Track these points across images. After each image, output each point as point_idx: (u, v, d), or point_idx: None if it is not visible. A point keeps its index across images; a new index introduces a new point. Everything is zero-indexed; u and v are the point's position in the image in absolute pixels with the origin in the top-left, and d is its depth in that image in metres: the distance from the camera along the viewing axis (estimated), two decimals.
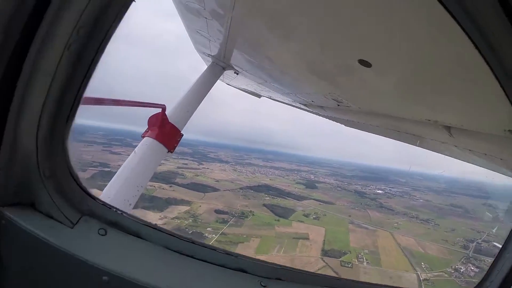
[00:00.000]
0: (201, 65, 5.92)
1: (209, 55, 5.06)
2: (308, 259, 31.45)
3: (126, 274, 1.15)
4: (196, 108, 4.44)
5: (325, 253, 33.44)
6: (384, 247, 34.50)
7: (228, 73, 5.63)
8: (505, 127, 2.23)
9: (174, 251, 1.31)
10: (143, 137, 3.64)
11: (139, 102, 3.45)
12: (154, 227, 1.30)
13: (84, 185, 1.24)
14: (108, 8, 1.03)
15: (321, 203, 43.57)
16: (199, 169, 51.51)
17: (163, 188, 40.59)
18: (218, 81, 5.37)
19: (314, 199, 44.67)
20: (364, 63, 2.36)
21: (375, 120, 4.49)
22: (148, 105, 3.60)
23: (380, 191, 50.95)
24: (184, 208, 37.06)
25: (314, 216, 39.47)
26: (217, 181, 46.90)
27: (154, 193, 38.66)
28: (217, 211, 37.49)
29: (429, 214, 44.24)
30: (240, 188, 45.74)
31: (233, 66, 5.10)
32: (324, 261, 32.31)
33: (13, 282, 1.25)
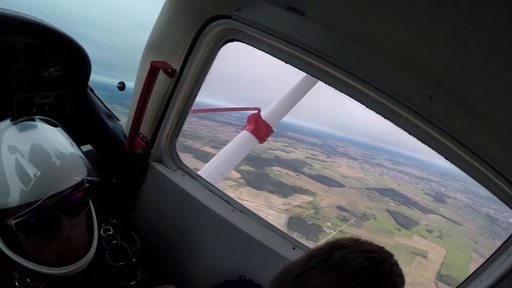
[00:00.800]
0: None
1: None
2: (421, 279, 28.26)
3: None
4: (290, 109, 5.62)
5: (440, 277, 29.07)
6: None
7: None
8: None
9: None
10: (242, 129, 5.19)
11: (238, 107, 5.08)
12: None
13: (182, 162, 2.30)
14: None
15: (447, 221, 39.06)
16: (326, 162, 51.40)
17: (290, 175, 41.66)
18: None
19: (440, 215, 40.32)
20: None
21: None
22: (246, 109, 5.16)
23: None
24: (307, 198, 37.52)
25: (437, 234, 35.71)
26: (344, 177, 46.31)
27: (281, 178, 40.11)
28: (339, 208, 37.19)
29: None
30: (366, 188, 44.29)
31: None
32: (437, 286, 28.19)
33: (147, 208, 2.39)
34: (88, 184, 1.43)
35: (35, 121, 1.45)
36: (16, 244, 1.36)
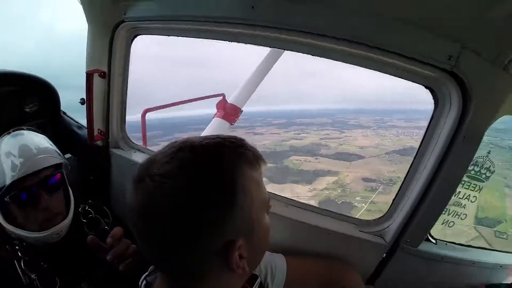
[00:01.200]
0: None
1: None
2: (461, 228, 27.71)
3: None
4: (255, 88, 5.87)
5: (478, 221, 28.52)
6: None
7: None
8: None
9: None
10: (213, 117, 5.67)
11: (202, 97, 5.58)
12: None
13: (133, 142, 2.68)
14: None
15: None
16: (341, 138, 50.69)
17: (309, 161, 41.61)
18: None
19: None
20: None
21: None
22: (210, 97, 5.67)
23: None
24: (332, 178, 37.40)
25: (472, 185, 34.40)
26: (361, 148, 45.77)
27: (301, 166, 40.12)
28: (365, 179, 36.98)
29: None
30: (386, 153, 43.79)
31: None
32: (477, 230, 27.66)
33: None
34: (58, 166, 1.91)
35: (23, 130, 1.98)
36: (11, 217, 1.80)
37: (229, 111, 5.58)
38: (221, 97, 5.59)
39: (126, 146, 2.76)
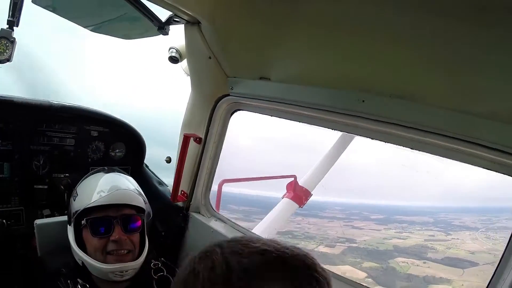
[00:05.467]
0: None
1: None
2: None
3: None
4: (326, 172, 6.01)
5: None
6: None
7: None
8: None
9: None
10: (282, 198, 5.69)
11: (274, 176, 5.73)
12: None
13: (216, 210, 2.94)
14: None
15: None
16: (448, 240, 45.49)
17: (417, 265, 38.33)
18: None
19: None
20: None
21: None
22: (282, 177, 5.78)
23: None
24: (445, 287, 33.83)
25: None
26: (472, 253, 39.70)
27: (409, 270, 36.92)
28: None
29: None
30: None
31: None
32: None
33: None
34: (141, 210, 2.06)
35: (116, 168, 2.25)
36: (81, 241, 1.92)
37: (299, 194, 5.62)
38: (293, 179, 5.62)
39: (207, 213, 2.86)
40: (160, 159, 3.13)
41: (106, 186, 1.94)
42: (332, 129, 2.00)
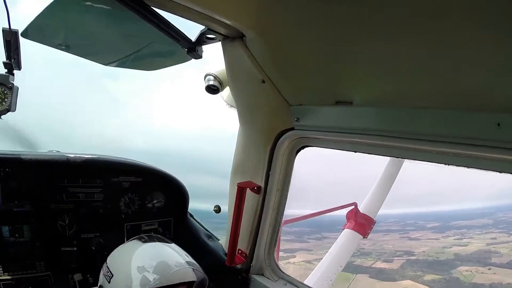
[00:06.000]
0: None
1: None
2: None
3: None
4: (386, 195, 5.35)
5: None
6: None
7: None
8: None
9: None
10: (343, 229, 4.99)
11: (334, 208, 5.08)
12: None
13: (282, 269, 2.43)
14: None
15: None
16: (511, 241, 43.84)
17: (481, 272, 36.50)
18: None
19: None
20: None
21: None
22: (343, 207, 5.10)
23: None
24: None
25: None
26: None
27: (474, 279, 35.53)
28: None
29: None
30: None
31: None
32: None
33: None
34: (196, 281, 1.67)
35: (153, 236, 1.85)
36: None
37: (361, 222, 5.01)
38: (353, 207, 4.95)
39: (273, 275, 2.33)
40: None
41: (150, 264, 1.63)
42: (455, 165, 1.46)
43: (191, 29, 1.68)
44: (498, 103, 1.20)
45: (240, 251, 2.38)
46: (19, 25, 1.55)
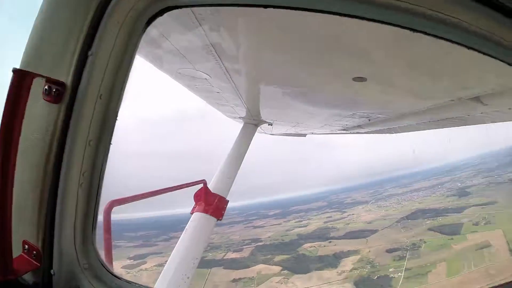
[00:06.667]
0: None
1: (238, 117, 5.58)
2: (502, 264, 28.21)
3: None
4: (237, 171, 4.89)
5: None
6: None
7: (263, 126, 6.07)
8: None
9: None
10: (191, 213, 4.13)
11: (178, 186, 4.10)
12: None
13: (113, 271, 1.65)
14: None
15: (482, 206, 39.34)
16: (345, 217, 50.61)
17: (324, 246, 40.65)
18: None
19: (474, 205, 40.56)
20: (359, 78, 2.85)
21: (413, 119, 4.88)
22: (188, 185, 4.22)
23: None
24: (355, 257, 36.62)
25: (484, 222, 35.96)
26: (369, 222, 45.59)
27: (319, 252, 39.05)
28: (389, 251, 36.32)
29: None
30: (396, 222, 43.50)
31: (265, 120, 5.55)
32: None
33: None
34: None
35: None
36: None
37: (213, 202, 4.23)
38: (201, 185, 4.23)
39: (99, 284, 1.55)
40: None
41: None
42: None
43: None
44: None
45: (27, 245, 1.18)
46: None
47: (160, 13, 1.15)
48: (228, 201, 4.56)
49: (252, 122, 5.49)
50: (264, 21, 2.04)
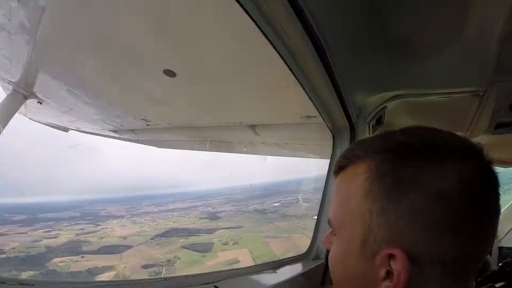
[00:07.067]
0: None
1: (10, 82, 4.76)
2: None
3: None
4: None
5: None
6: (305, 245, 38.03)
7: (32, 103, 5.35)
8: (301, 114, 2.49)
9: None
10: None
11: None
12: None
13: None
14: None
15: (231, 229, 44.29)
16: (98, 231, 45.89)
17: (76, 261, 36.03)
18: None
19: (223, 228, 44.83)
20: (169, 73, 2.48)
21: (184, 134, 4.76)
22: None
23: (277, 204, 53.75)
24: (111, 273, 33.42)
25: (232, 242, 41.04)
26: (124, 238, 44.97)
27: (71, 268, 34.10)
28: (144, 266, 35.99)
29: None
30: (151, 239, 44.32)
31: (37, 94, 5.11)
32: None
33: None
34: None
35: None
36: None
37: None
38: None
39: None
40: None
41: None
42: None
43: None
44: None
45: None
46: None
47: None
48: None
49: (22, 92, 4.25)
50: None
